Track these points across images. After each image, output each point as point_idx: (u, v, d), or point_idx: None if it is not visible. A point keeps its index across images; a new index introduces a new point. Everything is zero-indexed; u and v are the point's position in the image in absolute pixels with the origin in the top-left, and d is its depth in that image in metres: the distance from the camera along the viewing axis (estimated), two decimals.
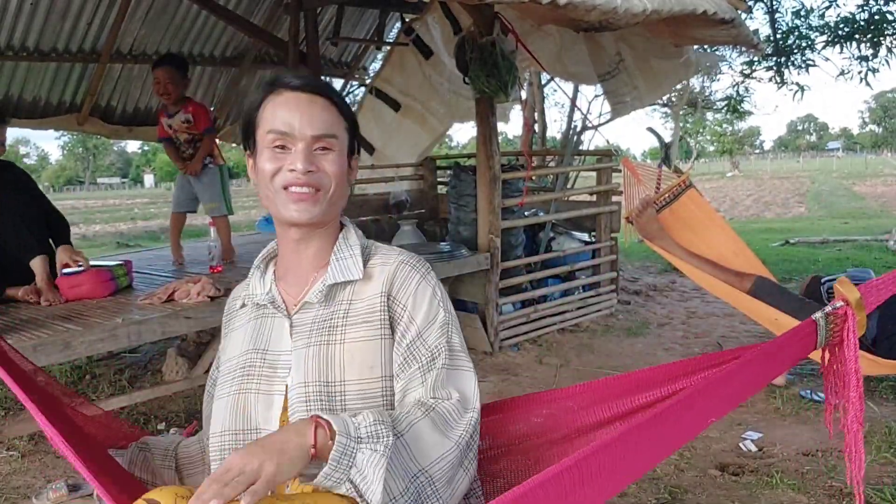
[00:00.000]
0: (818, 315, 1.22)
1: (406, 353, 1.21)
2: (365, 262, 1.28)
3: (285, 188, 1.22)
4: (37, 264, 3.33)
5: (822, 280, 3.29)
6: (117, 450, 1.42)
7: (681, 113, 9.34)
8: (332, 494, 1.05)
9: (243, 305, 1.36)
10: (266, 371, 1.23)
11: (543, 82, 9.44)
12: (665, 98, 9.83)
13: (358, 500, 1.01)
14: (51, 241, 3.54)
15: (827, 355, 1.27)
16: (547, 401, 1.42)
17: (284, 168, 1.21)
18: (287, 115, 1.21)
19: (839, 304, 1.22)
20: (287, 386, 1.20)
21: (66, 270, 3.35)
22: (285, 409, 1.19)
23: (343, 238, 1.31)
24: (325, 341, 1.21)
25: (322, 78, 6.31)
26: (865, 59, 6.97)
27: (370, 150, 6.15)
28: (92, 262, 3.53)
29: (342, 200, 1.28)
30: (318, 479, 1.00)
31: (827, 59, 7.61)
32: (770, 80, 7.51)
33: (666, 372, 1.32)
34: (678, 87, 5.79)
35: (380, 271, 1.26)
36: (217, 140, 4.53)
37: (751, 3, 7.14)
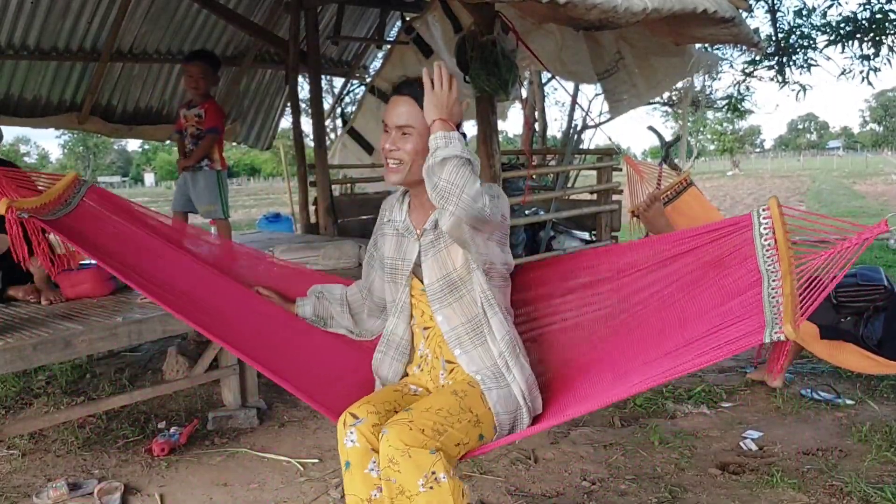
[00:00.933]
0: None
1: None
2: None
3: (385, 159, 1.89)
4: (36, 263, 3.33)
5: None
6: (301, 298, 2.21)
7: (681, 111, 9.34)
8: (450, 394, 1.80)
9: (389, 220, 2.01)
10: (404, 269, 1.94)
11: (544, 81, 9.45)
12: (666, 97, 9.84)
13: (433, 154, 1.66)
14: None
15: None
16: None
17: (383, 145, 1.88)
18: (386, 111, 1.88)
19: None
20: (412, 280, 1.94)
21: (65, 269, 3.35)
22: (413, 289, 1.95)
23: None
24: (438, 249, 1.87)
25: (322, 77, 6.31)
26: (867, 58, 6.96)
27: (369, 149, 6.15)
28: (92, 261, 3.52)
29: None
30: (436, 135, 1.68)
31: (828, 59, 7.59)
32: (771, 79, 7.50)
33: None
34: (680, 85, 5.79)
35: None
36: (221, 143, 4.48)
37: (752, 2, 7.13)
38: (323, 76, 6.70)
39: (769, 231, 1.65)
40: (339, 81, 7.73)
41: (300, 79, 6.95)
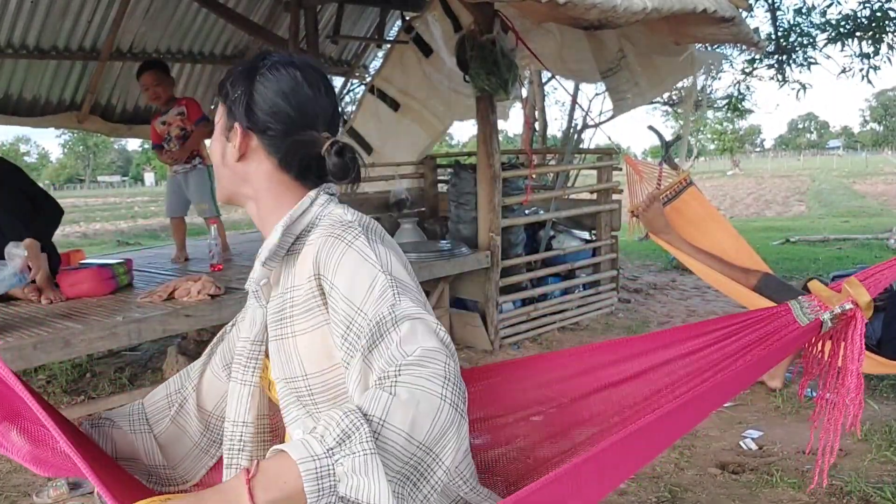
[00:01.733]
0: (825, 316, 1.24)
1: (345, 336, 1.00)
2: (304, 235, 1.15)
3: None
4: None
5: (831, 277, 3.28)
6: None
7: (681, 111, 9.33)
8: None
9: None
10: (250, 357, 1.19)
11: (544, 80, 9.43)
12: (666, 96, 9.83)
13: None
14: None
15: (828, 347, 1.27)
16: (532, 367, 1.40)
17: None
18: None
19: (848, 305, 1.22)
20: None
21: (65, 268, 3.35)
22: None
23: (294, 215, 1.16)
24: (280, 335, 1.13)
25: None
26: (867, 56, 6.96)
27: (368, 149, 6.14)
28: (92, 261, 3.53)
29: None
30: None
31: (828, 57, 7.58)
32: (771, 78, 7.50)
33: (653, 340, 1.34)
34: (681, 85, 5.79)
35: (310, 249, 1.10)
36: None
37: (752, 1, 7.13)
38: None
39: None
40: (338, 81, 7.71)
41: None
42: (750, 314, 1.30)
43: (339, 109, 1.24)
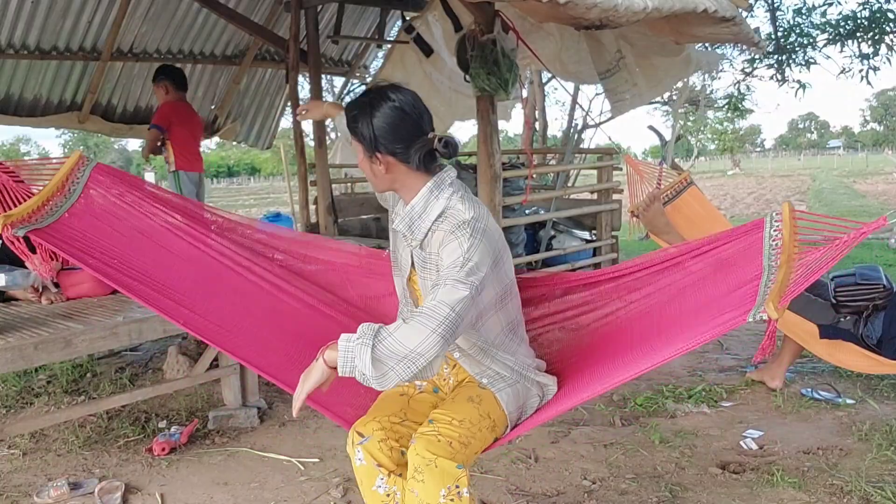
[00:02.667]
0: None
1: (439, 278, 1.73)
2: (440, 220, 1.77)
3: None
4: (37, 262, 3.33)
5: (831, 277, 3.27)
6: None
7: (680, 111, 9.32)
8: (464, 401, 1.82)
9: (395, 212, 1.93)
10: (404, 264, 1.92)
11: (544, 80, 9.43)
12: (665, 96, 9.82)
13: (360, 377, 1.57)
14: None
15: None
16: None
17: None
18: None
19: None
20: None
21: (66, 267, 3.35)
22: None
23: (423, 201, 1.80)
24: (425, 273, 1.82)
25: (323, 77, 6.30)
26: (866, 56, 6.96)
27: None
28: None
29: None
30: (339, 369, 1.60)
31: (828, 58, 7.58)
32: (771, 77, 7.50)
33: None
34: (679, 85, 5.78)
35: (439, 235, 1.76)
36: (169, 144, 5.05)
37: (752, 1, 7.13)
38: (323, 75, 6.67)
39: (778, 232, 1.71)
40: (339, 81, 7.72)
41: (300, 78, 6.93)
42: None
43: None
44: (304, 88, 9.02)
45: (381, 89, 1.77)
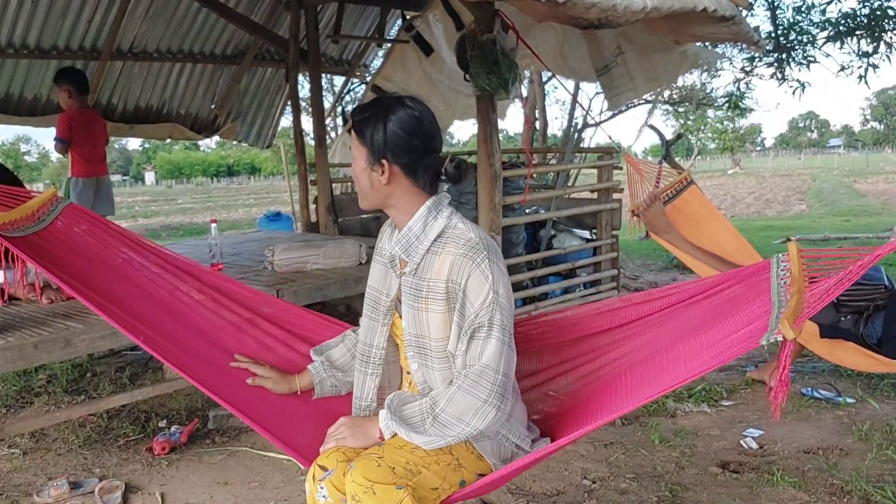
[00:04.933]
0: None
1: (459, 324, 1.61)
2: (441, 242, 1.64)
3: None
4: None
5: None
6: (314, 367, 1.97)
7: (681, 110, 9.31)
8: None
9: (380, 248, 1.80)
10: (384, 304, 1.76)
11: (544, 79, 9.43)
12: (667, 95, 9.82)
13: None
14: None
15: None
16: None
17: None
18: None
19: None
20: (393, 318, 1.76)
21: None
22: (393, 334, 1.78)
23: (421, 221, 1.66)
24: (417, 306, 1.66)
25: (323, 76, 6.31)
26: (866, 55, 6.95)
27: None
28: None
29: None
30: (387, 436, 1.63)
31: (828, 56, 7.55)
32: (771, 76, 7.49)
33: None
34: (681, 82, 5.79)
35: (446, 259, 1.62)
36: (67, 153, 5.14)
37: (751, 0, 7.11)
38: (323, 75, 6.69)
39: (786, 271, 1.66)
40: (339, 80, 7.72)
41: (300, 77, 6.95)
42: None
43: (340, 109, 1.62)
44: (304, 88, 9.03)
45: (399, 97, 1.65)
